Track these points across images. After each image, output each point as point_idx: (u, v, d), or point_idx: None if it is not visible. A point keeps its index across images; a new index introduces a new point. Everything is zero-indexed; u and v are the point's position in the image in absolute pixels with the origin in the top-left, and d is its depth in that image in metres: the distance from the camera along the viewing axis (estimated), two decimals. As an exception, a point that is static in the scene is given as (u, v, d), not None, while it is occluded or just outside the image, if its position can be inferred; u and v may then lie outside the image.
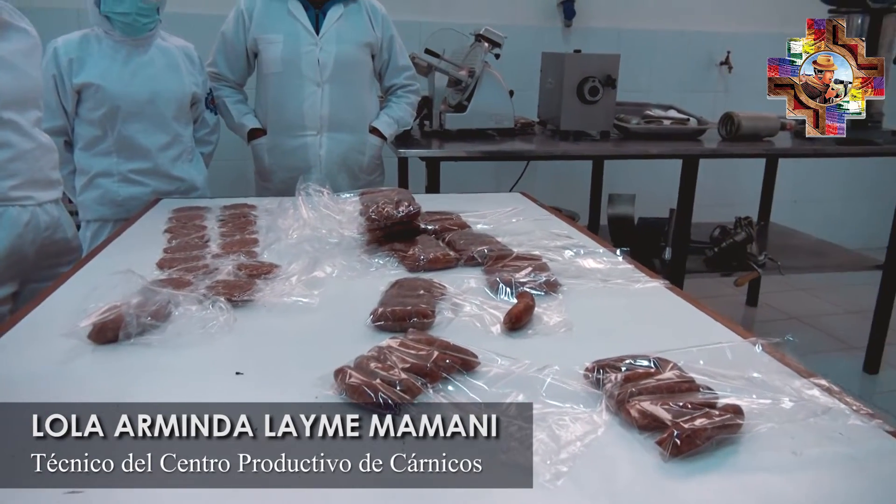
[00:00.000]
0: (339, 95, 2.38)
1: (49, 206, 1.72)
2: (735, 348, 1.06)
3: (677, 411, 0.86)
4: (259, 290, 1.29)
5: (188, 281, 1.33)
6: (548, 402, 0.92)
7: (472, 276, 1.42)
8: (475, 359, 1.02)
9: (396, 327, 1.15)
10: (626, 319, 1.25)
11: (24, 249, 1.65)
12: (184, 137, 2.23)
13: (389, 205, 1.59)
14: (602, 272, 1.46)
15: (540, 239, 1.67)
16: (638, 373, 0.96)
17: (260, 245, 1.61)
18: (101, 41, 2.11)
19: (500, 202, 2.05)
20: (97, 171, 2.15)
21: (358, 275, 1.44)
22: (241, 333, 1.16)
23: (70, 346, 1.09)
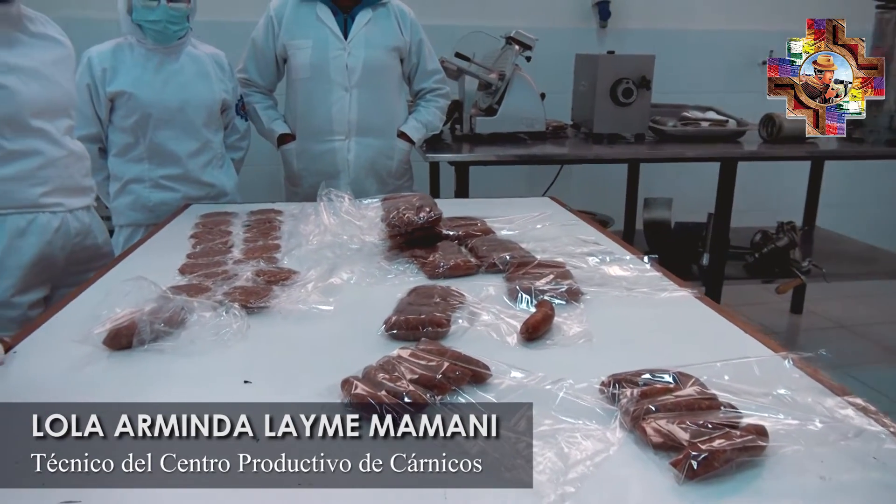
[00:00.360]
0: (367, 100, 2.38)
1: (80, 212, 1.75)
2: (764, 363, 1.00)
3: (695, 431, 0.81)
4: (275, 297, 1.28)
5: (207, 287, 1.33)
6: (559, 417, 0.88)
7: (492, 283, 1.39)
8: (487, 370, 0.99)
9: (409, 336, 1.13)
10: (650, 331, 1.20)
11: (55, 255, 1.68)
12: (214, 144, 2.26)
13: (410, 210, 1.57)
14: (628, 280, 1.41)
15: (565, 245, 1.63)
16: (656, 388, 0.91)
17: (281, 251, 1.61)
18: (134, 50, 2.14)
19: (529, 207, 2.01)
20: (129, 177, 2.18)
21: (376, 281, 1.43)
22: (254, 341, 1.15)
23: (86, 352, 1.09)
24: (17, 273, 1.61)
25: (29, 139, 1.58)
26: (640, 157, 3.11)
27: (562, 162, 3.06)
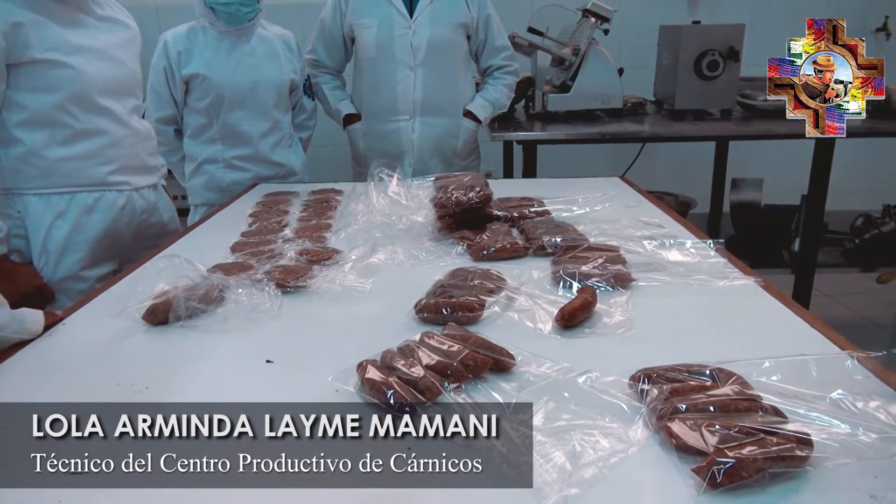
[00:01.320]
0: (432, 79, 2.34)
1: (145, 190, 1.81)
2: (822, 362, 0.90)
3: (725, 435, 0.73)
4: (313, 276, 1.28)
5: (250, 265, 1.35)
6: (579, 412, 0.82)
7: (538, 267, 1.33)
8: (510, 359, 0.94)
9: (439, 320, 1.09)
10: (700, 322, 1.11)
11: (121, 231, 1.76)
12: (283, 124, 2.29)
13: (459, 190, 1.53)
14: (686, 266, 1.31)
15: (624, 228, 1.55)
16: (689, 385, 0.84)
17: (331, 230, 1.61)
18: (207, 32, 2.20)
19: (595, 187, 1.92)
20: (204, 158, 2.25)
21: (419, 263, 1.40)
22: (286, 320, 1.15)
23: (126, 326, 1.13)
24: (86, 248, 1.69)
25: (96, 118, 1.65)
26: (725, 134, 2.91)
27: (638, 140, 2.91)
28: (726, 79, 2.73)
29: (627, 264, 1.30)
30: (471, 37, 2.41)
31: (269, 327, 1.12)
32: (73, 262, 1.68)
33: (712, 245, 1.41)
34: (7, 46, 1.50)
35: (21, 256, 1.67)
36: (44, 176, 1.63)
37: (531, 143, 2.58)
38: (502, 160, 3.16)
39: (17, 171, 1.61)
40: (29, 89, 1.57)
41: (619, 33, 3.29)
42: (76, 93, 1.60)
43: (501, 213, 1.59)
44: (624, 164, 3.19)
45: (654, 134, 2.74)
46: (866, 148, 3.35)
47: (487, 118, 2.47)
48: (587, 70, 2.74)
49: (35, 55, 1.54)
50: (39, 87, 1.57)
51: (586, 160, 3.68)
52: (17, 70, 1.54)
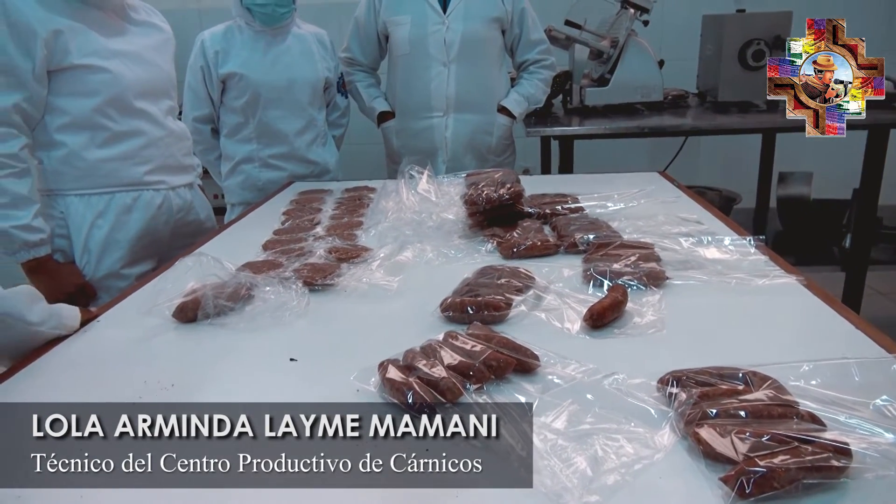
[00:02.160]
0: (465, 75, 2.32)
1: (182, 189, 1.84)
2: (866, 366, 0.85)
3: (756, 443, 0.69)
4: (340, 275, 1.28)
5: (280, 263, 1.36)
6: (604, 415, 0.80)
7: (570, 265, 1.30)
8: (535, 360, 0.92)
9: (464, 319, 1.08)
10: (736, 323, 1.07)
11: (159, 230, 1.79)
12: (318, 122, 2.30)
13: (490, 187, 1.51)
14: (724, 264, 1.27)
15: (661, 224, 1.50)
16: (720, 389, 0.80)
17: (362, 228, 1.61)
18: (243, 32, 2.22)
19: (632, 183, 1.87)
20: (240, 157, 2.28)
21: (448, 261, 1.38)
22: (312, 318, 1.15)
23: (156, 323, 1.15)
24: (125, 247, 1.73)
25: (133, 120, 1.68)
26: (772, 126, 2.81)
27: (680, 134, 2.84)
28: (772, 69, 2.63)
29: (661, 262, 1.26)
30: (505, 31, 2.37)
31: (295, 325, 1.12)
32: (113, 260, 1.72)
33: (752, 242, 1.35)
34: (48, 54, 1.54)
35: (64, 256, 1.72)
36: (84, 177, 1.67)
37: (568, 138, 2.54)
38: (539, 156, 3.13)
39: (59, 173, 1.65)
40: (69, 94, 1.61)
41: (660, 24, 3.21)
42: (114, 96, 1.63)
43: (533, 210, 1.57)
44: (665, 160, 3.11)
45: (696, 127, 2.67)
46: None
47: (522, 113, 2.43)
48: (626, 63, 2.68)
49: (74, 61, 1.58)
50: (79, 92, 1.61)
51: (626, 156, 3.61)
52: (58, 76, 1.58)
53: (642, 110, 2.78)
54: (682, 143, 3.10)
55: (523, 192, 1.55)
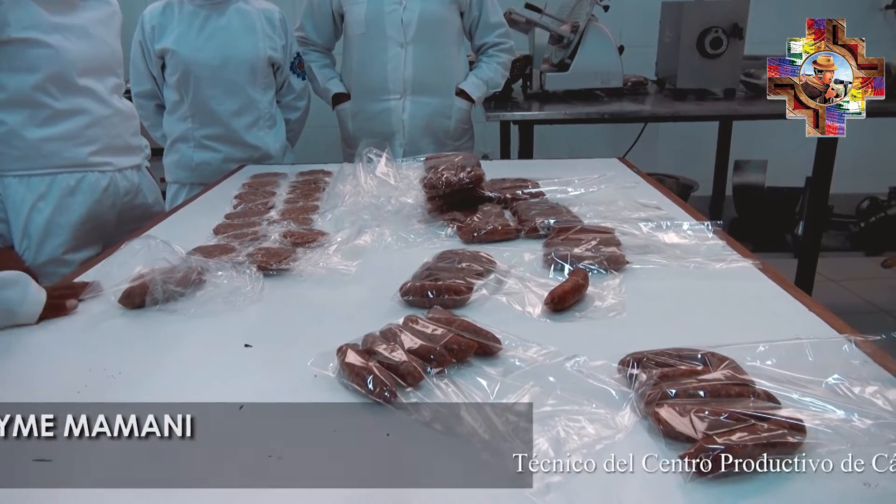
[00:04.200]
0: (423, 57, 2.30)
1: (128, 171, 1.79)
2: (819, 346, 0.88)
3: (714, 421, 0.71)
4: (296, 259, 1.27)
5: (232, 247, 1.33)
6: (566, 398, 0.81)
7: (531, 250, 1.31)
8: (497, 343, 0.92)
9: (424, 303, 1.07)
10: (695, 305, 1.09)
11: (104, 214, 1.74)
12: (260, 104, 2.24)
13: (450, 170, 1.51)
14: (682, 248, 1.30)
15: (621, 210, 1.53)
16: (679, 370, 0.82)
17: (319, 212, 1.59)
18: (183, 7, 2.16)
19: (592, 169, 1.89)
20: (176, 135, 2.22)
21: (407, 245, 1.38)
22: (267, 304, 1.13)
23: (102, 309, 1.12)
24: (68, 231, 1.67)
25: (76, 98, 1.63)
26: (729, 113, 2.88)
27: (639, 120, 2.89)
28: (730, 57, 2.70)
29: (622, 246, 1.28)
30: (464, 13, 2.37)
31: (249, 311, 1.10)
32: (55, 245, 1.66)
33: (710, 227, 1.39)
34: None
35: (2, 241, 1.66)
36: (24, 157, 1.61)
37: (528, 123, 2.55)
38: (499, 141, 3.14)
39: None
40: (7, 69, 1.55)
41: (620, 10, 3.24)
42: (55, 72, 1.58)
43: (494, 195, 1.57)
44: (625, 146, 3.16)
45: (655, 114, 2.71)
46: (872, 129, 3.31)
47: (481, 97, 2.44)
48: (586, 48, 2.70)
49: (13, 34, 1.52)
50: (17, 67, 1.55)
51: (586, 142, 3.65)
52: None
53: (602, 96, 2.81)
54: (641, 129, 3.16)
55: (484, 176, 1.55)
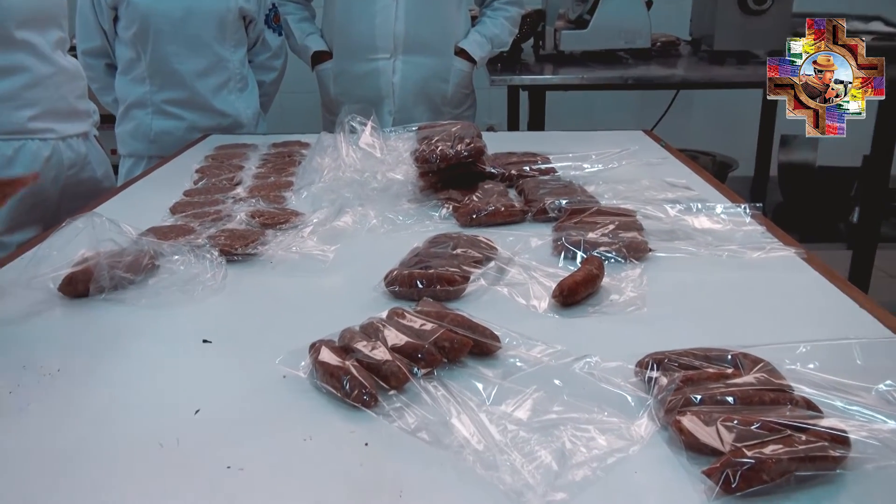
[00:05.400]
0: (417, 9, 2.30)
1: (74, 140, 1.80)
2: (870, 347, 0.89)
3: (744, 431, 0.72)
4: (265, 243, 1.27)
5: (191, 228, 1.34)
6: (574, 403, 0.81)
7: (539, 234, 1.32)
8: (495, 341, 0.93)
9: (413, 294, 1.08)
10: (727, 300, 1.10)
11: (46, 189, 1.74)
12: (229, 63, 2.24)
13: (445, 142, 1.51)
14: (715, 235, 1.31)
15: (645, 189, 1.54)
16: (706, 373, 0.82)
17: (292, 189, 1.60)
18: None
19: (613, 142, 1.90)
20: (132, 100, 2.22)
21: (395, 228, 1.39)
22: (230, 294, 1.14)
23: (40, 298, 1.12)
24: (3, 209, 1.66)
25: (13, 54, 1.63)
26: (774, 81, 2.87)
27: (669, 87, 2.89)
28: (776, 14, 2.69)
29: (644, 232, 1.29)
30: (467, -41, 2.37)
31: (209, 302, 1.11)
32: (-12, 224, 1.67)
33: (748, 210, 1.40)
34: None
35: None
36: (-49, 122, 1.61)
37: (539, 88, 2.56)
38: (506, 110, 3.14)
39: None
40: None
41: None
42: (-12, 24, 1.57)
43: (496, 171, 1.58)
44: (652, 118, 3.16)
45: (688, 80, 2.72)
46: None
47: (485, 58, 2.44)
48: (609, 2, 2.70)
49: None
50: None
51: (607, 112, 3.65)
52: None
53: (626, 59, 2.81)
54: (671, 98, 3.16)
55: (485, 149, 1.55)
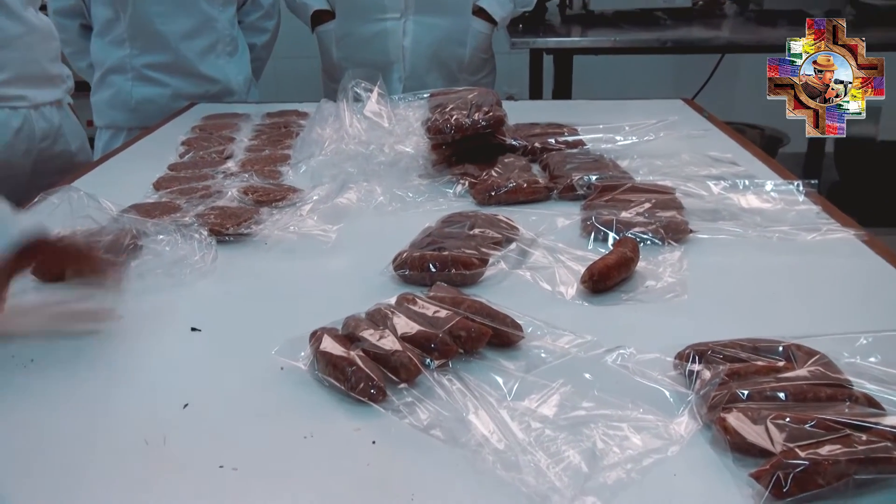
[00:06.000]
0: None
1: (48, 109, 1.81)
2: (939, 338, 0.89)
3: (797, 430, 0.72)
4: (260, 222, 1.29)
5: (177, 206, 1.36)
6: (605, 400, 0.82)
7: (566, 213, 1.33)
8: (517, 331, 0.94)
9: (425, 279, 1.09)
10: (777, 286, 1.10)
11: (16, 162, 1.76)
12: (218, 23, 2.24)
13: (461, 111, 1.52)
14: (765, 214, 1.32)
15: (685, 165, 1.55)
16: (754, 366, 0.83)
17: (289, 163, 1.62)
18: None
19: (649, 112, 1.91)
20: (110, 64, 2.23)
21: (404, 206, 1.41)
22: (221, 277, 1.16)
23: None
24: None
25: (-22, 12, 1.64)
26: (832, 44, 2.86)
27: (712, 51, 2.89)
28: (834, -32, 2.68)
29: (684, 211, 1.30)
30: None
31: (197, 286, 1.13)
32: (-48, 202, 1.68)
33: (801, 188, 1.40)
34: None
35: None
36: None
37: (566, 52, 2.57)
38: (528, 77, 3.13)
39: None
40: None
41: None
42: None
43: (518, 143, 1.58)
44: (694, 85, 3.16)
45: (734, 42, 2.73)
46: None
47: (506, 18, 2.45)
48: (645, -46, 2.70)
49: None
50: None
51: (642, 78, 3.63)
52: None
53: (664, 19, 2.82)
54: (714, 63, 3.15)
55: (505, 119, 1.56)
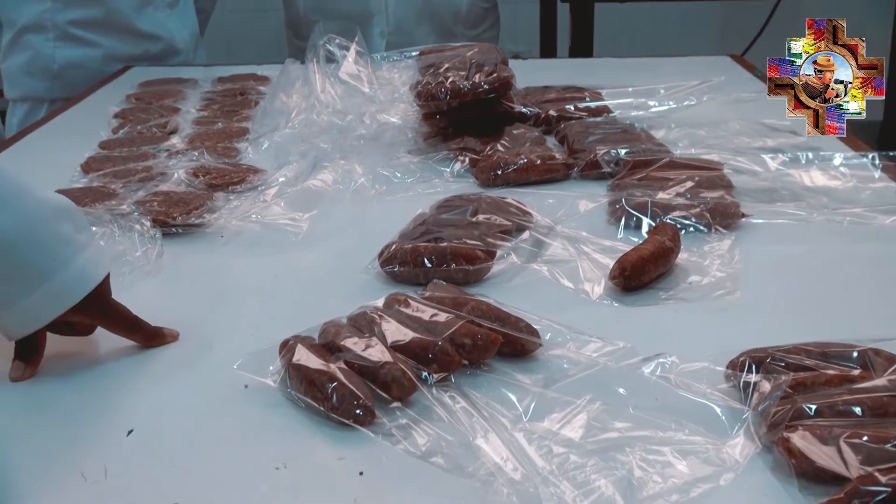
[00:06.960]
0: None
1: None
2: None
3: (875, 451, 0.73)
4: (215, 210, 1.31)
5: (112, 192, 1.37)
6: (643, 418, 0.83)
7: (588, 195, 1.35)
8: (534, 337, 0.95)
9: (419, 276, 1.10)
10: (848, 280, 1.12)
11: None
12: None
13: (458, 72, 1.53)
14: (833, 194, 1.35)
15: (735, 135, 1.59)
16: (823, 375, 0.84)
17: (248, 138, 1.64)
18: None
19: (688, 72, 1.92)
20: (25, 22, 2.24)
21: (391, 189, 1.42)
22: (169, 277, 1.17)
23: None
24: None
25: None
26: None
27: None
28: None
29: (734, 191, 1.32)
30: None
31: (140, 288, 1.13)
32: None
33: (877, 161, 1.42)
34: None
35: None
36: None
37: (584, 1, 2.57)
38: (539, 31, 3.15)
39: None
40: None
41: None
42: None
43: (529, 111, 1.60)
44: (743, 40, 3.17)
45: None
46: None
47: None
48: None
49: None
50: None
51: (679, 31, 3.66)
52: None
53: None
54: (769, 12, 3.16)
55: (513, 81, 1.57)
